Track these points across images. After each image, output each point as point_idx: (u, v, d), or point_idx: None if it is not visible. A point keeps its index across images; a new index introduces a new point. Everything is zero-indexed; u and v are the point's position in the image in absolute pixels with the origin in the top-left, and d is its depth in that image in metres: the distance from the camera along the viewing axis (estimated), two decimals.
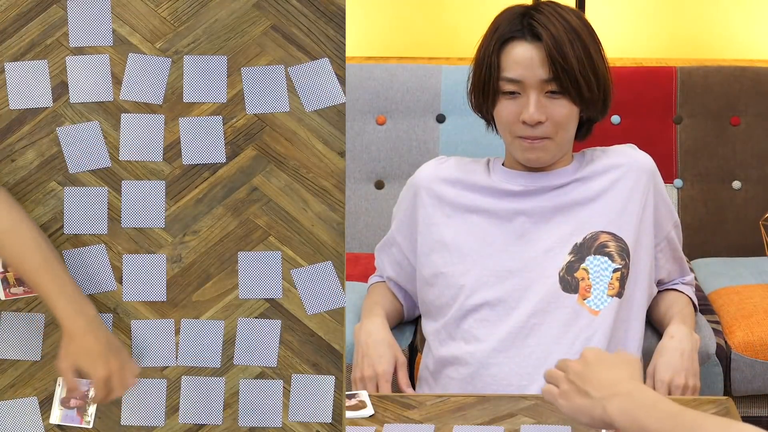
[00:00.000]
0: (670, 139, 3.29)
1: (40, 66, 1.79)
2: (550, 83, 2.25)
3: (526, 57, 2.26)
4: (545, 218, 2.32)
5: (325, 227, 1.79)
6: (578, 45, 2.25)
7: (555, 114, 2.26)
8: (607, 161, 2.37)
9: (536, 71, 2.25)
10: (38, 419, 1.78)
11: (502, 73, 2.27)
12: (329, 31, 1.78)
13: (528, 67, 2.25)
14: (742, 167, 3.29)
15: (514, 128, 2.29)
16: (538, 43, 2.25)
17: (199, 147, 1.79)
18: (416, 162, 3.30)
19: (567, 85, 2.25)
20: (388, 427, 1.96)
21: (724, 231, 3.29)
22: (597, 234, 2.30)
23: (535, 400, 2.04)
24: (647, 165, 2.38)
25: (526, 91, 2.26)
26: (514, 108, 2.27)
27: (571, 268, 2.29)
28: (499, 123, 2.33)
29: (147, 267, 1.79)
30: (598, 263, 2.29)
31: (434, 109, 3.29)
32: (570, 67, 2.24)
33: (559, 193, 2.33)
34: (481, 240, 2.32)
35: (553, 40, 2.24)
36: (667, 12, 3.72)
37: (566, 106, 2.27)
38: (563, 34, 2.24)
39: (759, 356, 2.69)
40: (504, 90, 2.28)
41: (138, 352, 1.78)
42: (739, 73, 3.31)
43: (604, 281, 2.28)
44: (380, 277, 2.52)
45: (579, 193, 2.33)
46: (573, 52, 2.24)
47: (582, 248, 2.30)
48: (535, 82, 2.25)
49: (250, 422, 1.79)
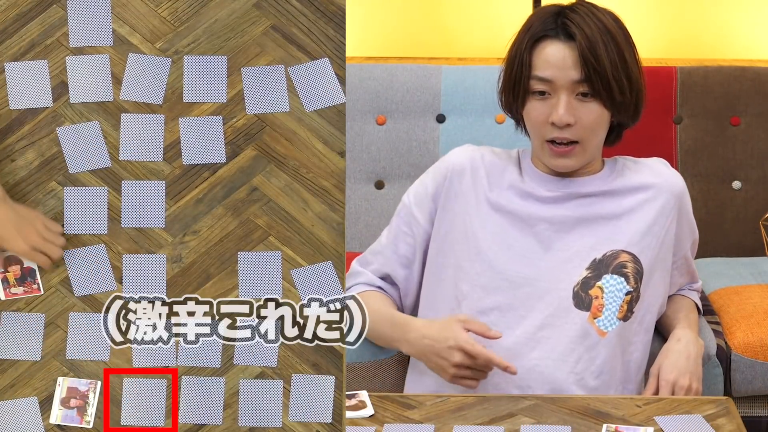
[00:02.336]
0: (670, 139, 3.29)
1: (40, 66, 1.79)
2: (581, 85, 2.20)
3: (558, 56, 2.20)
4: (567, 228, 2.27)
5: (325, 227, 1.79)
6: (612, 47, 2.20)
7: (584, 117, 2.21)
8: (638, 178, 2.31)
9: (568, 71, 2.20)
10: (38, 419, 1.78)
11: (533, 72, 2.22)
12: (329, 31, 1.78)
13: (560, 67, 2.20)
14: (742, 167, 3.29)
15: (543, 130, 2.23)
16: (571, 43, 2.20)
17: (199, 147, 1.79)
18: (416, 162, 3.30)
19: (598, 87, 2.19)
20: (388, 427, 1.96)
21: (724, 231, 3.29)
22: (617, 252, 2.26)
23: (535, 400, 2.03)
24: (677, 187, 2.33)
25: (557, 92, 2.21)
26: (543, 109, 2.22)
27: (586, 284, 2.24)
28: (529, 124, 2.27)
29: (147, 267, 1.79)
30: (614, 283, 2.25)
31: (434, 109, 3.29)
32: (602, 69, 2.18)
33: (586, 203, 2.28)
34: (501, 241, 2.27)
35: (587, 41, 2.19)
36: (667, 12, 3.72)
37: (596, 109, 2.21)
38: (597, 35, 2.19)
39: (759, 357, 2.69)
40: (534, 90, 2.22)
41: (138, 352, 1.78)
42: (739, 73, 3.31)
43: (617, 303, 2.24)
44: (367, 285, 2.38)
45: (605, 207, 2.28)
46: (606, 54, 2.19)
47: (600, 265, 2.25)
48: (566, 83, 2.20)
49: (250, 422, 1.79)
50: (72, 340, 1.78)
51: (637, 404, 2.02)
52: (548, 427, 1.94)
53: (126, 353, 1.78)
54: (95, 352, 1.78)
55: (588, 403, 2.02)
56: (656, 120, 3.28)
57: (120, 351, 1.78)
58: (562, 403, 2.02)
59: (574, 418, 1.97)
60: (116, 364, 1.78)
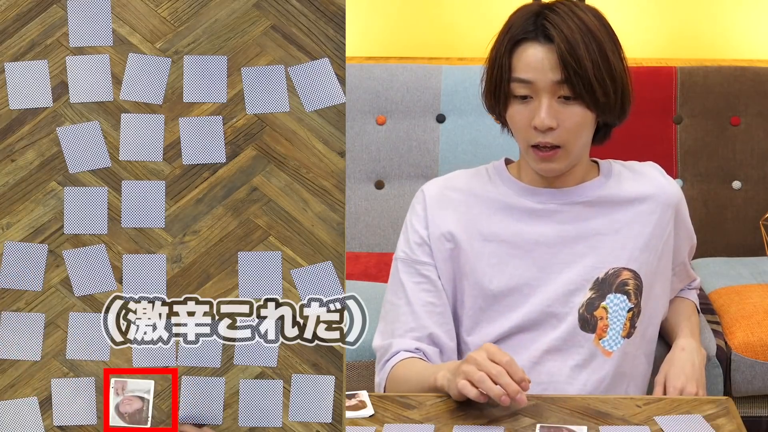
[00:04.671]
0: (670, 139, 3.29)
1: (40, 66, 1.79)
2: (562, 87, 2.13)
3: (537, 59, 2.13)
4: (566, 247, 2.22)
5: (325, 227, 1.79)
6: (593, 46, 2.13)
7: (567, 120, 2.15)
8: (635, 188, 2.27)
9: (548, 74, 2.13)
10: (38, 419, 1.78)
11: (513, 75, 2.15)
12: (329, 31, 1.78)
13: (539, 69, 2.13)
14: (742, 167, 3.30)
15: (527, 135, 2.17)
16: (550, 45, 2.13)
17: (199, 147, 1.79)
18: (416, 162, 3.30)
19: (580, 89, 2.12)
20: (388, 427, 1.96)
21: (724, 231, 3.29)
22: (619, 270, 2.22)
23: (536, 400, 2.03)
24: (674, 198, 2.29)
25: (538, 95, 2.14)
26: (526, 113, 2.16)
27: (591, 306, 2.21)
28: (513, 128, 2.21)
29: (147, 267, 1.79)
30: (617, 302, 2.22)
31: (434, 109, 3.29)
32: (583, 71, 2.11)
33: (582, 216, 2.23)
34: (500, 272, 2.21)
35: (566, 43, 2.11)
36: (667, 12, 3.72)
37: (580, 112, 2.15)
38: (578, 36, 2.12)
39: (759, 357, 2.70)
40: (516, 93, 2.16)
41: (138, 352, 1.78)
42: (739, 73, 3.32)
43: (621, 321, 2.22)
44: (403, 352, 2.20)
45: (603, 220, 2.23)
46: (587, 55, 2.12)
47: (604, 284, 2.21)
48: (546, 86, 2.13)
49: (250, 422, 1.79)
50: (72, 340, 1.78)
51: (637, 404, 2.02)
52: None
53: (126, 353, 1.78)
54: (95, 352, 1.78)
55: (588, 403, 2.02)
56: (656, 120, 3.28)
57: (120, 351, 1.78)
58: (562, 403, 2.02)
59: (574, 418, 1.97)
60: (116, 364, 1.78)
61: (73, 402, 1.78)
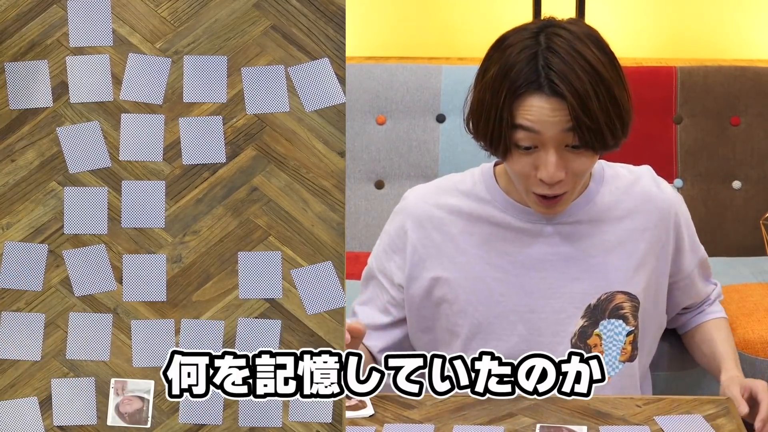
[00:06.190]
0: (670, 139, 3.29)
1: (40, 66, 1.79)
2: (570, 136, 2.00)
3: (544, 113, 1.98)
4: (555, 271, 2.12)
5: (325, 227, 1.79)
6: (602, 91, 1.99)
7: (575, 167, 2.03)
8: (626, 202, 2.17)
9: (557, 127, 1.99)
10: (38, 419, 1.78)
11: (516, 121, 2.00)
12: (329, 31, 1.78)
13: (547, 124, 1.99)
14: (742, 167, 3.30)
15: (529, 183, 2.05)
16: (558, 98, 1.98)
17: (199, 147, 1.79)
18: (416, 162, 3.30)
19: (591, 140, 1.99)
20: (388, 427, 1.96)
21: (724, 231, 3.29)
22: (612, 295, 2.13)
23: (536, 400, 2.03)
24: (668, 205, 2.19)
25: (545, 146, 2.00)
26: (529, 162, 2.03)
27: (584, 335, 2.13)
28: (512, 173, 2.09)
29: (147, 267, 1.79)
30: (612, 327, 2.14)
31: (434, 109, 3.29)
32: (595, 123, 1.98)
33: (573, 237, 2.13)
34: (487, 299, 2.13)
35: (577, 97, 1.97)
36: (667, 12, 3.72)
37: (588, 158, 2.03)
38: (587, 85, 1.97)
39: (759, 354, 2.70)
40: (519, 144, 2.02)
41: (138, 352, 1.78)
42: (739, 73, 3.32)
43: (618, 346, 2.14)
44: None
45: (593, 239, 2.14)
46: (599, 104, 1.98)
47: (596, 311, 2.13)
48: (554, 136, 2.00)
49: (250, 422, 1.78)
50: (72, 340, 1.78)
51: (637, 404, 2.02)
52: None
53: (126, 353, 1.78)
54: (95, 352, 1.78)
55: (588, 403, 2.02)
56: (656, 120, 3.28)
57: (120, 351, 1.78)
58: (562, 403, 2.02)
59: (574, 418, 1.97)
60: (116, 364, 1.78)
61: (73, 402, 1.78)
